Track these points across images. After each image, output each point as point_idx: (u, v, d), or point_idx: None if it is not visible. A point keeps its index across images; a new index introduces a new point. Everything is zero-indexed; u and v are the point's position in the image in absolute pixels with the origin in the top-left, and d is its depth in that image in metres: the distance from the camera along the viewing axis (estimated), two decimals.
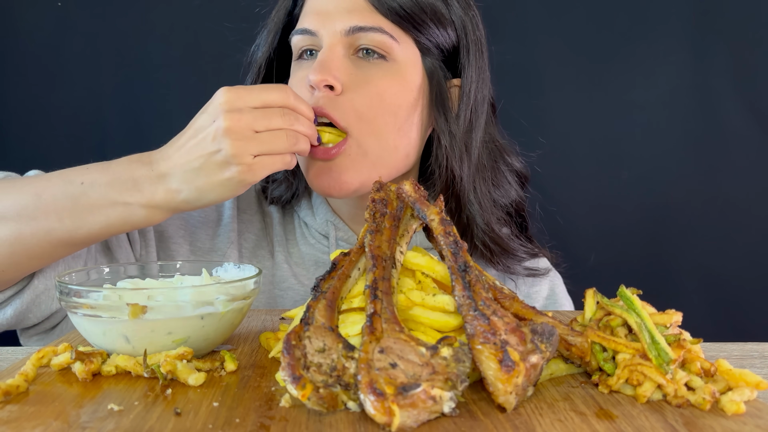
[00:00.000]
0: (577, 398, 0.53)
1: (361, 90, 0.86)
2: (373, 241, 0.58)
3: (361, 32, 0.86)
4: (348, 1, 0.88)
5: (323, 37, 0.87)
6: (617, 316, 0.58)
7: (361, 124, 0.86)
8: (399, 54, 0.88)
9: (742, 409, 0.49)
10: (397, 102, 0.89)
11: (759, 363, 0.69)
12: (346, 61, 0.87)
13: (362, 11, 0.87)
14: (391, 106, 0.88)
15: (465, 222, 0.97)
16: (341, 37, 0.87)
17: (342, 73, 0.86)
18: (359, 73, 0.87)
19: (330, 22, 0.87)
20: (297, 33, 0.91)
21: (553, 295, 1.08)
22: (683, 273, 1.50)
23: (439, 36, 0.91)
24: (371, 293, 0.53)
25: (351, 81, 0.86)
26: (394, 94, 0.88)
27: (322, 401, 0.46)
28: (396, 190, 0.63)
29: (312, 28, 0.88)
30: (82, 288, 0.60)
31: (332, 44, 0.87)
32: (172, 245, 0.99)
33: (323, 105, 0.84)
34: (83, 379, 0.56)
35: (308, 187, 1.03)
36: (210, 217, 1.03)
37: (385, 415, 0.43)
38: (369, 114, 0.87)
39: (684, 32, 1.47)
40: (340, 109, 0.85)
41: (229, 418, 0.47)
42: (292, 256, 1.03)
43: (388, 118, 0.88)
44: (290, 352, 0.48)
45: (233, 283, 0.63)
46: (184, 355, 0.58)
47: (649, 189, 1.49)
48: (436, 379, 0.46)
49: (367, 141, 0.87)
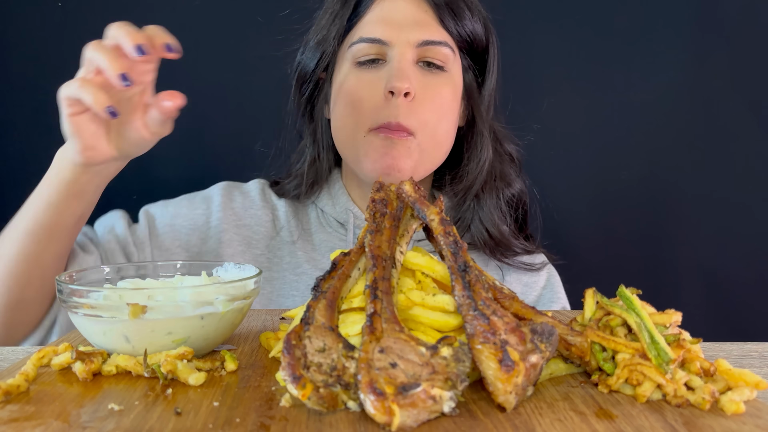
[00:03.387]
0: (577, 398, 0.53)
1: (428, 98, 0.95)
2: (373, 241, 0.58)
3: (431, 45, 0.95)
4: (418, 14, 0.96)
5: (395, 46, 0.94)
6: (617, 316, 0.58)
7: (425, 129, 0.95)
8: (453, 65, 0.98)
9: (742, 408, 0.49)
10: (451, 108, 0.99)
11: (758, 363, 0.69)
12: (417, 70, 0.96)
13: (431, 25, 0.96)
14: (447, 112, 0.98)
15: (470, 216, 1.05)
16: (413, 48, 0.94)
17: (415, 81, 0.94)
18: (425, 81, 0.96)
19: (403, 33, 0.94)
20: (364, 41, 0.96)
21: (550, 285, 1.12)
22: (683, 273, 1.50)
23: (475, 42, 1.01)
24: (371, 293, 0.53)
25: (420, 89, 0.95)
26: (450, 101, 0.98)
27: (322, 401, 0.46)
28: (396, 190, 0.63)
29: (384, 38, 0.95)
30: (82, 288, 0.60)
31: (405, 53, 0.94)
32: (171, 257, 1.04)
33: (402, 115, 0.93)
34: (84, 379, 0.56)
35: (326, 178, 1.09)
36: (197, 222, 1.07)
37: (385, 415, 0.43)
38: (432, 121, 0.96)
39: (683, 32, 1.47)
40: (413, 117, 0.94)
41: (230, 417, 0.47)
42: (308, 243, 1.07)
43: (445, 123, 0.98)
44: (290, 351, 0.48)
45: (233, 283, 0.63)
46: (185, 354, 0.58)
47: (649, 189, 1.49)
48: (436, 379, 0.46)
49: (427, 143, 0.96)
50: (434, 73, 0.96)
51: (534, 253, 1.10)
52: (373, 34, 0.95)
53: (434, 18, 0.96)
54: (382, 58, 0.96)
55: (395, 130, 0.93)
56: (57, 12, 1.39)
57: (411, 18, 0.95)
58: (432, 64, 0.96)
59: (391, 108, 0.93)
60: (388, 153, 0.94)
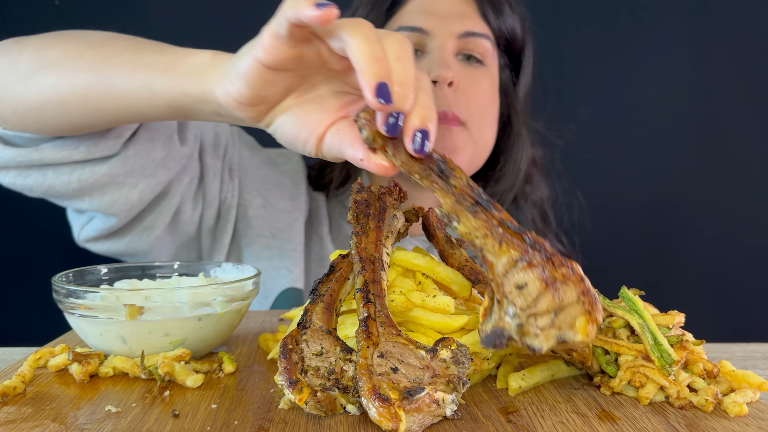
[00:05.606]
0: (579, 400, 0.52)
1: (472, 89, 0.95)
2: (360, 243, 0.56)
3: (473, 37, 0.95)
4: (460, 5, 0.96)
5: (437, 37, 0.94)
6: (619, 318, 0.57)
7: (474, 118, 0.95)
8: (492, 59, 0.98)
9: (745, 410, 0.49)
10: (494, 101, 0.99)
11: (762, 364, 0.68)
12: (458, 61, 0.95)
13: (472, 17, 0.96)
14: (490, 105, 0.98)
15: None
16: (455, 39, 0.94)
17: (457, 71, 0.94)
18: (468, 73, 0.95)
19: (446, 24, 0.94)
20: (405, 29, 0.95)
21: None
22: (686, 274, 1.49)
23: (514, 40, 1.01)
24: (363, 297, 0.51)
25: (463, 80, 0.94)
26: (492, 94, 0.98)
27: (320, 405, 0.46)
28: (377, 191, 0.62)
29: (426, 28, 0.94)
30: (79, 288, 0.59)
31: (446, 44, 0.94)
32: (246, 195, 1.00)
33: (451, 102, 0.92)
34: (81, 381, 0.55)
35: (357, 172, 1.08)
36: (285, 184, 1.05)
37: (391, 421, 0.43)
38: (478, 111, 0.96)
39: (686, 31, 1.46)
40: (460, 105, 0.93)
41: (228, 420, 0.47)
42: (338, 235, 1.08)
43: (488, 116, 0.98)
44: (287, 356, 0.47)
45: (231, 284, 0.62)
46: (183, 356, 0.57)
47: (651, 189, 1.49)
48: (438, 382, 0.46)
49: (477, 133, 0.96)
50: (474, 66, 0.96)
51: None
52: (415, 23, 0.95)
53: (476, 10, 0.96)
54: (421, 50, 0.95)
55: (451, 120, 0.92)
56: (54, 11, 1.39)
57: (453, 9, 0.95)
58: (472, 57, 0.95)
59: (440, 98, 0.91)
60: (444, 145, 0.92)
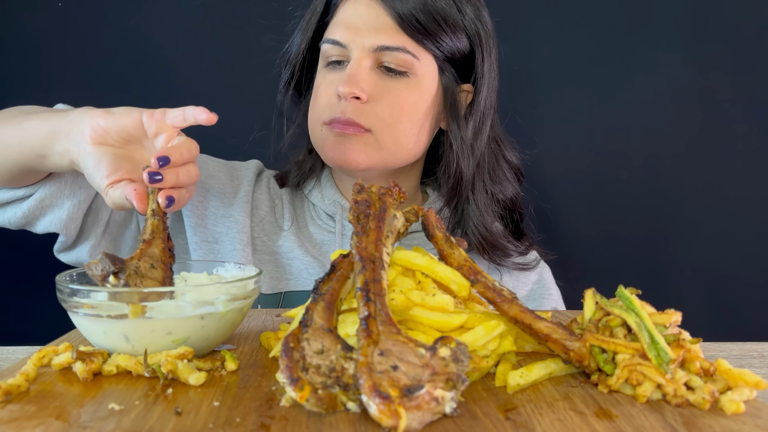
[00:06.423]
0: (577, 398, 0.53)
1: (384, 100, 0.97)
2: (360, 242, 0.57)
3: (387, 51, 0.96)
4: (376, 20, 0.96)
5: (352, 50, 0.97)
6: (616, 317, 0.58)
7: (382, 126, 0.97)
8: (419, 69, 0.98)
9: (742, 408, 0.50)
10: (415, 110, 0.99)
11: (758, 362, 0.69)
12: (372, 73, 0.97)
13: (388, 30, 0.96)
14: (409, 113, 0.98)
15: (462, 218, 1.06)
16: (369, 53, 0.96)
17: (368, 85, 0.96)
18: (383, 85, 0.97)
19: (359, 38, 0.96)
20: (328, 42, 1.00)
21: (542, 280, 1.13)
22: (682, 272, 1.49)
23: (455, 46, 1.00)
24: (363, 296, 0.52)
25: (376, 92, 0.96)
26: (412, 103, 0.99)
27: (321, 402, 0.46)
28: (377, 192, 0.63)
29: (342, 41, 0.97)
30: (83, 288, 0.60)
31: (360, 58, 0.96)
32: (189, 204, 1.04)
33: (350, 113, 0.96)
34: (84, 379, 0.56)
35: (319, 170, 1.13)
36: (226, 189, 1.09)
37: (391, 418, 0.43)
38: (390, 120, 0.97)
39: (684, 31, 1.46)
40: (364, 115, 0.96)
41: (230, 417, 0.47)
42: (301, 232, 1.10)
43: (406, 123, 0.99)
44: (288, 354, 0.48)
45: (234, 283, 0.63)
46: (185, 354, 0.58)
47: (649, 189, 1.49)
48: (438, 380, 0.46)
49: (385, 140, 0.98)
50: (393, 78, 0.97)
51: (527, 254, 1.12)
52: (334, 36, 0.99)
53: (393, 22, 0.96)
54: (346, 60, 0.99)
55: (345, 124, 0.96)
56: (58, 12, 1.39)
57: (371, 23, 0.96)
58: (395, 70, 0.97)
59: (345, 108, 0.96)
60: (339, 147, 0.97)
